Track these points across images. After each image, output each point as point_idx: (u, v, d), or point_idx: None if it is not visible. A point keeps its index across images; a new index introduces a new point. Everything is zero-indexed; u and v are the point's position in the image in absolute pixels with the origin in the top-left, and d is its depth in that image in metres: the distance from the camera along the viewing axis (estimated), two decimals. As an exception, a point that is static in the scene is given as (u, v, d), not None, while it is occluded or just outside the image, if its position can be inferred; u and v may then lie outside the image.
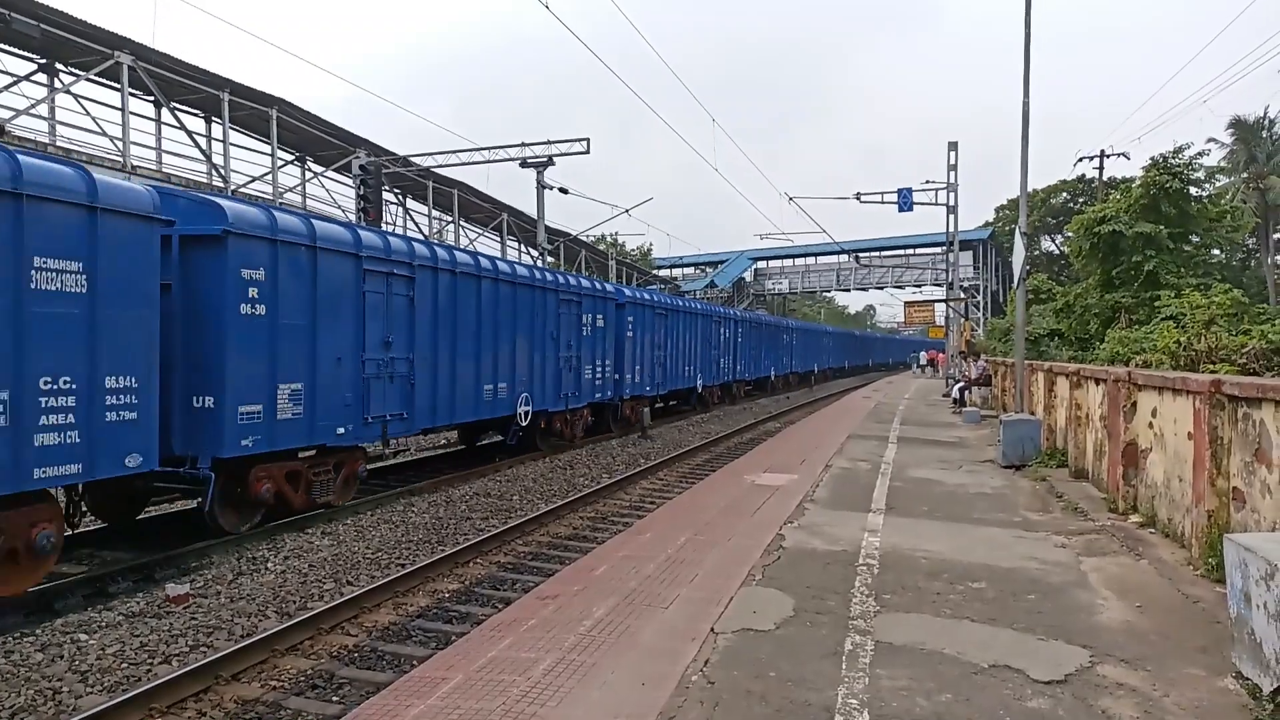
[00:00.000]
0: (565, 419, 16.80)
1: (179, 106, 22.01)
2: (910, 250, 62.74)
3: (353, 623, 6.60)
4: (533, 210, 27.71)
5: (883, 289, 66.81)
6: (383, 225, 22.55)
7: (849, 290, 70.41)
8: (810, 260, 67.36)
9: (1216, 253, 27.88)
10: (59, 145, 18.87)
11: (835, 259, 62.80)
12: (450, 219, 33.85)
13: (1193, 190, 20.12)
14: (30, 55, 19.20)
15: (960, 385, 24.22)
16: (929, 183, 31.32)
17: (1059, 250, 48.02)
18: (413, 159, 27.14)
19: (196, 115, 23.46)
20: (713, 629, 5.07)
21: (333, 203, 28.00)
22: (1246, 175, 34.88)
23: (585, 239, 40.61)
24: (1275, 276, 34.38)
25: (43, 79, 19.81)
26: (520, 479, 13.01)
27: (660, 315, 22.23)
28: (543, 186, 26.29)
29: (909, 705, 4.00)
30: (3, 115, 18.09)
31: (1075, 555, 7.01)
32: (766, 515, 8.53)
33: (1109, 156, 32.57)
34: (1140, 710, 3.97)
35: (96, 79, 19.83)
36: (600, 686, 4.25)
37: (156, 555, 8.10)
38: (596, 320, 17.85)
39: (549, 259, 30.27)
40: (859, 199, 32.05)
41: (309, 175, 27.57)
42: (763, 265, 70.64)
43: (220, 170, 22.46)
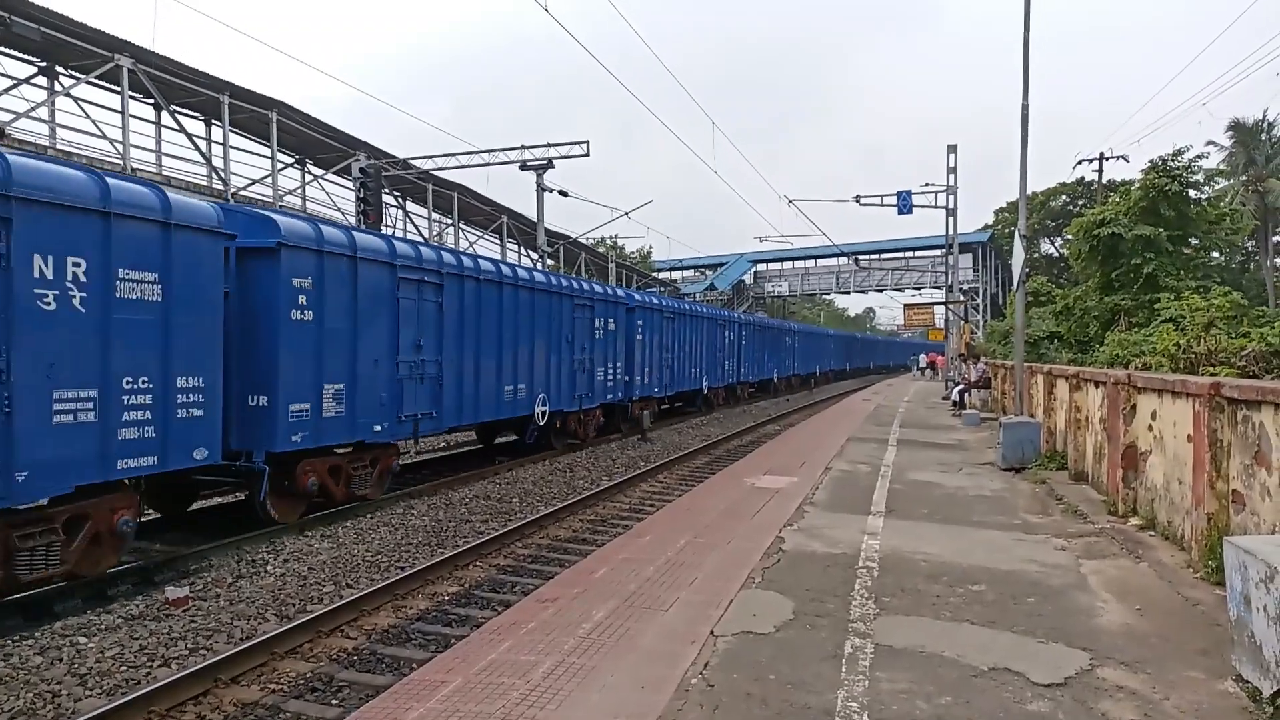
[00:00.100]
0: (579, 419, 17.21)
1: (179, 109, 21.99)
2: (910, 253, 62.72)
3: (352, 625, 6.60)
4: (532, 213, 27.73)
5: (882, 291, 66.81)
6: (382, 228, 22.55)
7: (848, 293, 70.47)
8: (810, 263, 67.40)
9: (1216, 255, 27.93)
10: (59, 148, 18.87)
11: (835, 261, 62.85)
12: (450, 221, 33.85)
13: (1192, 193, 20.10)
14: (30, 58, 19.21)
15: (960, 388, 24.24)
16: (928, 185, 31.34)
17: (1058, 253, 48.05)
18: (412, 162, 27.15)
19: (196, 118, 23.43)
20: (712, 632, 5.07)
21: (333, 205, 27.97)
22: (1246, 178, 34.92)
23: (585, 241, 40.57)
24: (1275, 279, 34.41)
25: (43, 82, 19.81)
26: (520, 481, 13.01)
27: (668, 319, 22.59)
28: (542, 189, 26.33)
29: (909, 708, 4.00)
30: (3, 118, 18.11)
31: (1075, 558, 7.01)
32: (766, 518, 8.53)
33: (1108, 159, 32.61)
34: (1140, 713, 3.97)
35: (96, 82, 19.81)
36: (600, 689, 4.25)
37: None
38: (608, 324, 18.30)
39: (549, 262, 30.27)
40: (858, 201, 32.07)
41: (309, 178, 27.56)
42: (762, 268, 70.66)
43: (220, 173, 22.45)
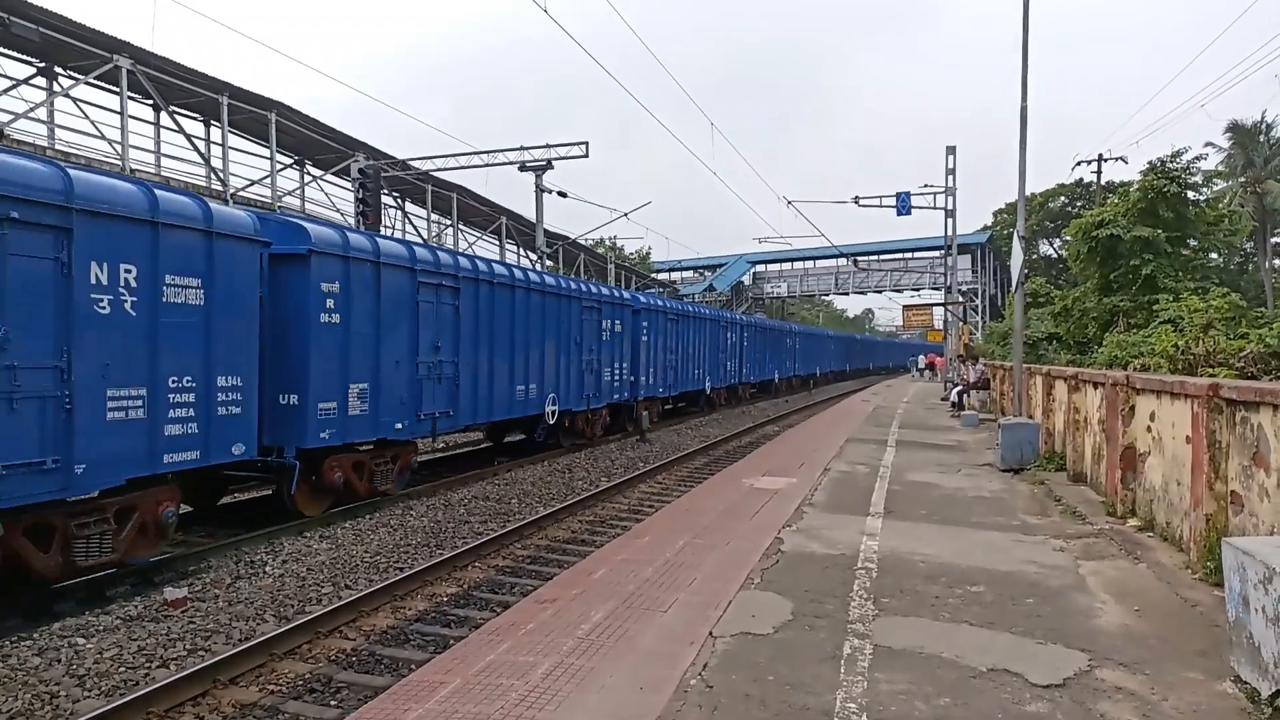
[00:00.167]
0: (586, 418, 17.66)
1: (178, 110, 21.97)
2: (908, 254, 62.73)
3: (351, 626, 6.59)
4: (531, 213, 27.73)
5: (881, 292, 66.84)
6: (381, 229, 22.54)
7: (847, 294, 70.44)
8: (808, 264, 67.44)
9: (1214, 257, 27.97)
10: (58, 149, 18.86)
11: (834, 262, 62.84)
12: (449, 222, 33.84)
13: (1190, 194, 20.14)
14: (29, 59, 19.20)
15: (958, 389, 24.25)
16: (927, 186, 31.31)
17: (1057, 254, 48.06)
18: (411, 162, 27.14)
19: (195, 119, 23.43)
20: (711, 633, 5.07)
21: (331, 206, 27.94)
22: (1244, 179, 34.92)
23: (584, 242, 40.55)
24: (1273, 280, 34.42)
25: (42, 82, 19.81)
26: (518, 482, 13.01)
27: (672, 320, 22.98)
28: (541, 190, 26.32)
29: (908, 709, 4.00)
30: (2, 119, 18.09)
31: (1074, 559, 7.01)
32: (765, 519, 8.53)
33: (1107, 160, 32.67)
34: (1139, 714, 3.97)
35: (95, 82, 19.81)
36: (598, 690, 4.25)
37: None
38: (615, 326, 18.73)
39: (548, 263, 30.26)
40: (857, 203, 32.06)
41: (308, 179, 27.56)
42: (761, 269, 70.69)
43: (219, 174, 22.44)
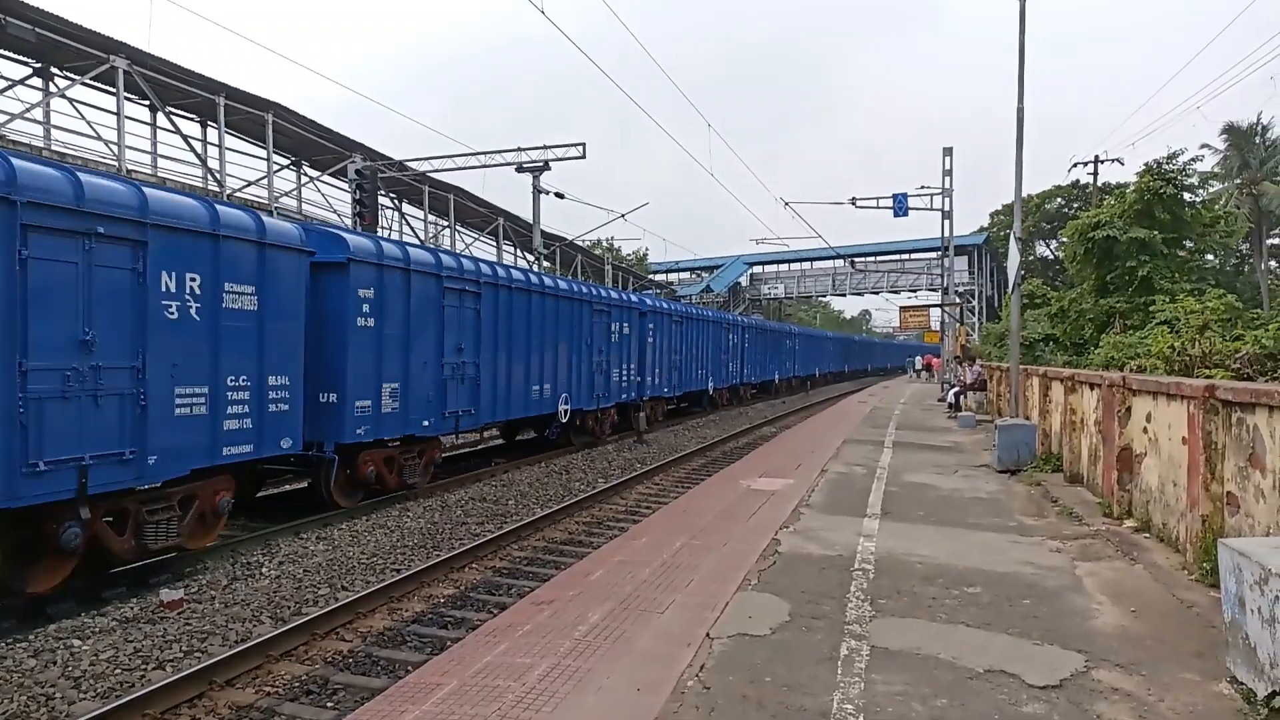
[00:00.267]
0: (596, 417, 18.31)
1: (174, 111, 21.94)
2: (905, 255, 62.79)
3: (348, 628, 6.58)
4: (529, 214, 27.74)
5: (878, 294, 66.86)
6: (378, 230, 22.52)
7: (844, 295, 70.46)
8: (806, 265, 67.48)
9: (1210, 258, 28.01)
10: (54, 150, 18.82)
11: (830, 264, 62.89)
12: (446, 223, 33.83)
13: (1186, 196, 20.18)
14: (25, 59, 19.16)
15: (955, 390, 24.29)
16: (924, 188, 31.37)
17: (1054, 255, 48.13)
18: (408, 163, 27.12)
19: (192, 119, 23.40)
20: (708, 634, 5.06)
21: (328, 207, 27.92)
22: (1240, 181, 35.01)
23: (582, 243, 40.54)
24: (1269, 282, 34.51)
25: (38, 83, 19.77)
26: (516, 484, 13.00)
27: (676, 323, 23.61)
28: (539, 191, 26.32)
29: (905, 710, 4.00)
30: (-3, 119, 18.05)
31: (1070, 560, 7.02)
32: (762, 520, 8.53)
33: (1103, 162, 32.72)
34: (1135, 715, 3.97)
35: (92, 83, 19.78)
36: (595, 692, 4.24)
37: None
38: (623, 328, 19.39)
39: (545, 264, 30.26)
40: (854, 204, 32.10)
41: (304, 180, 27.53)
42: (758, 270, 70.72)
43: (215, 175, 22.41)
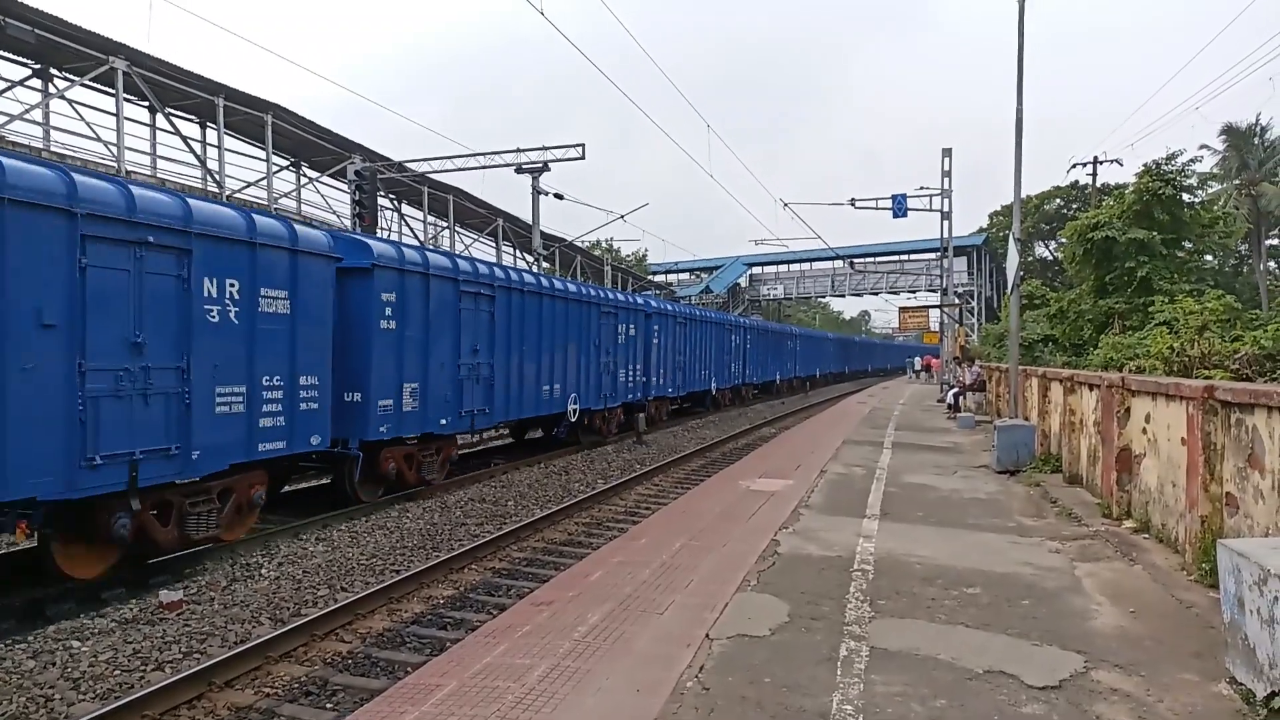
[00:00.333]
0: (603, 416, 18.77)
1: (174, 112, 21.94)
2: (904, 256, 62.78)
3: (347, 629, 6.58)
4: (528, 215, 27.73)
5: (877, 295, 66.88)
6: (378, 231, 22.52)
7: (843, 296, 70.49)
8: (805, 266, 67.50)
9: (1209, 259, 28.01)
10: (53, 151, 18.81)
11: (830, 264, 62.92)
12: (445, 224, 33.83)
13: (1185, 197, 20.19)
14: (24, 60, 19.16)
15: (954, 390, 24.29)
16: (923, 189, 31.32)
17: (1053, 256, 48.15)
18: (408, 164, 27.11)
19: (191, 121, 23.41)
20: (708, 635, 5.06)
21: (328, 208, 27.91)
22: (1239, 182, 35.03)
23: (581, 244, 40.55)
24: (1268, 282, 34.53)
25: (37, 84, 19.77)
26: (515, 484, 13.00)
27: (680, 324, 24.01)
28: (538, 192, 26.31)
29: (904, 711, 4.00)
30: (-3, 120, 18.04)
31: (1069, 560, 7.02)
32: (761, 521, 8.53)
33: (1102, 163, 32.75)
34: (1134, 716, 3.97)
35: (91, 84, 19.78)
36: (595, 693, 4.24)
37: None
38: (629, 329, 19.83)
39: (544, 264, 30.26)
40: (854, 205, 32.09)
41: (304, 181, 27.52)
42: (757, 270, 70.74)
43: (215, 176, 22.40)
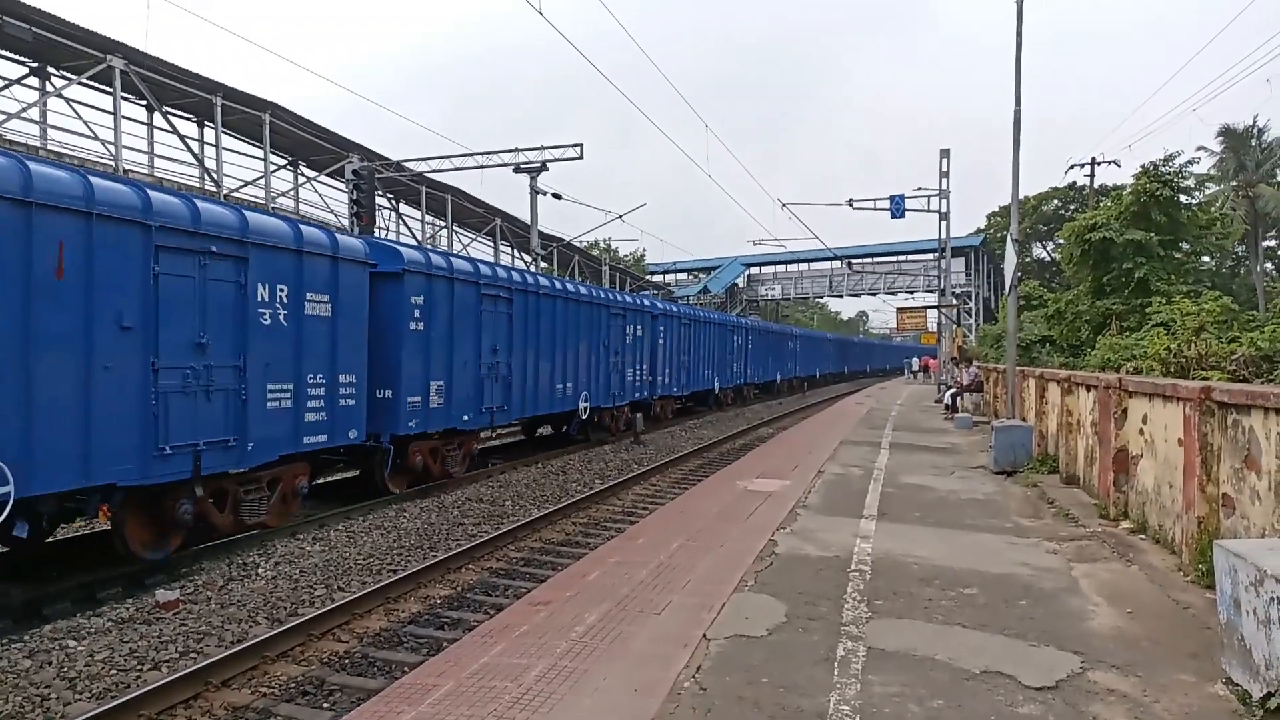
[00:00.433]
0: (612, 414, 19.37)
1: (171, 110, 21.92)
2: (902, 256, 62.80)
3: (344, 629, 6.57)
4: (526, 215, 27.73)
5: (875, 295, 66.87)
6: (376, 231, 22.51)
7: (841, 296, 70.47)
8: (803, 266, 67.50)
9: (1206, 260, 28.03)
10: (50, 149, 18.79)
11: (828, 265, 62.92)
12: (443, 224, 33.82)
13: (1183, 198, 20.18)
14: (22, 59, 19.13)
15: (952, 391, 24.32)
16: (921, 189, 31.40)
17: (1050, 257, 48.19)
18: (406, 164, 27.09)
19: (189, 119, 23.38)
20: (705, 635, 5.07)
21: (325, 208, 27.89)
22: (1236, 183, 35.05)
23: (579, 244, 40.54)
24: (1264, 284, 34.58)
25: (34, 83, 19.74)
26: (512, 484, 12.99)
27: (685, 325, 24.64)
28: (536, 192, 26.31)
29: (901, 711, 4.00)
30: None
31: (1066, 561, 7.04)
32: (759, 521, 8.53)
33: (1100, 164, 32.78)
34: (1131, 716, 3.98)
35: (88, 83, 19.76)
36: (592, 693, 4.24)
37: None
38: (637, 330, 20.45)
39: (542, 264, 30.27)
40: (852, 205, 32.15)
41: (302, 180, 27.49)
42: (755, 271, 70.74)
43: (213, 175, 22.38)
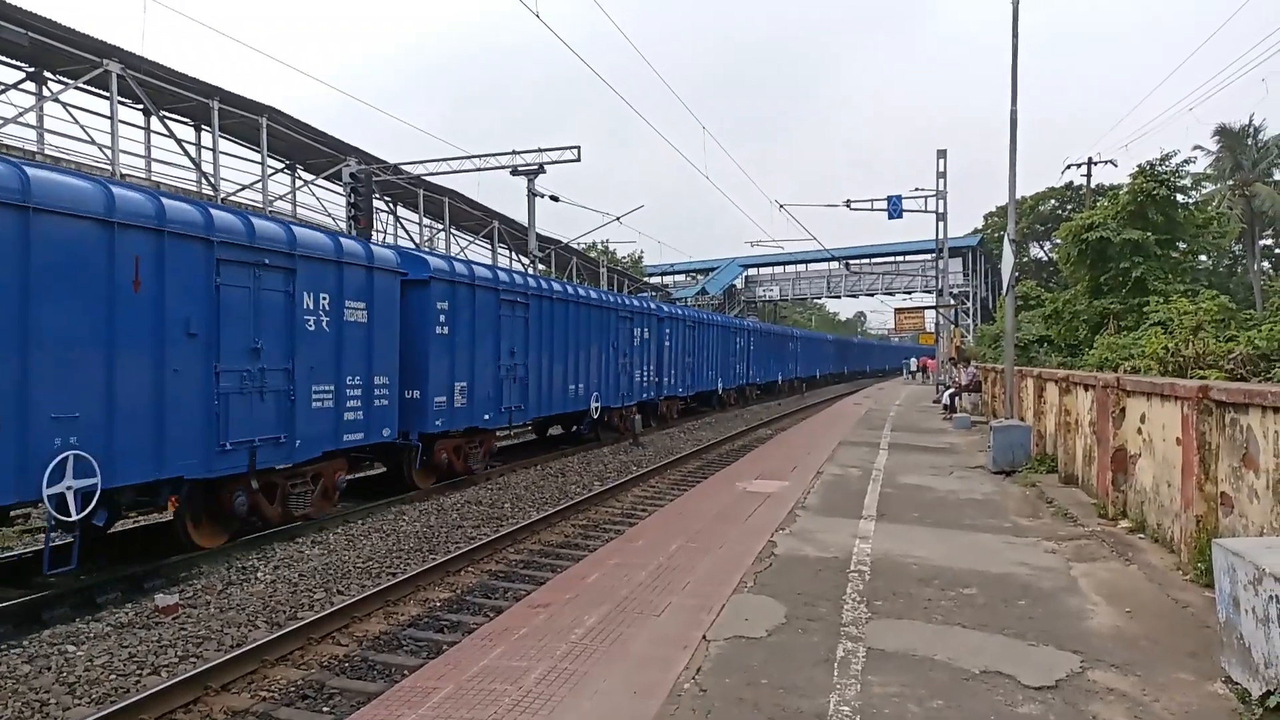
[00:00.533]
0: (620, 414, 20.01)
1: (168, 114, 21.91)
2: (900, 257, 62.91)
3: (343, 632, 6.57)
4: (524, 217, 27.73)
5: (873, 296, 66.94)
6: (373, 234, 22.50)
7: (839, 297, 70.54)
8: (801, 267, 67.60)
9: (1203, 259, 28.09)
10: (47, 154, 18.77)
11: (826, 266, 63.04)
12: (441, 226, 33.81)
13: (1179, 197, 20.20)
14: (18, 63, 19.12)
15: (950, 391, 24.34)
16: (919, 190, 31.36)
17: (1048, 257, 48.27)
18: (403, 167, 27.08)
19: (186, 123, 23.37)
20: (704, 636, 5.07)
21: (323, 211, 27.88)
22: (1232, 182, 35.17)
23: (577, 246, 40.55)
24: (1261, 283, 34.64)
25: (31, 87, 19.73)
26: (511, 487, 12.98)
27: (689, 327, 25.31)
28: (534, 194, 26.31)
29: (901, 711, 4.00)
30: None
31: (1065, 561, 7.04)
32: (758, 522, 8.53)
33: (1097, 164, 32.84)
34: (1130, 715, 3.99)
35: (85, 87, 19.74)
36: (592, 695, 4.24)
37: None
38: (644, 333, 21.15)
39: (539, 266, 30.29)
40: (849, 206, 32.13)
41: (299, 183, 27.49)
42: (753, 272, 70.82)
43: (210, 179, 22.36)
